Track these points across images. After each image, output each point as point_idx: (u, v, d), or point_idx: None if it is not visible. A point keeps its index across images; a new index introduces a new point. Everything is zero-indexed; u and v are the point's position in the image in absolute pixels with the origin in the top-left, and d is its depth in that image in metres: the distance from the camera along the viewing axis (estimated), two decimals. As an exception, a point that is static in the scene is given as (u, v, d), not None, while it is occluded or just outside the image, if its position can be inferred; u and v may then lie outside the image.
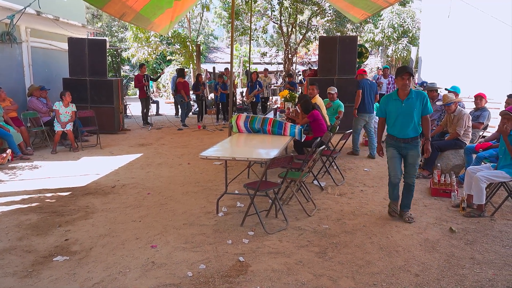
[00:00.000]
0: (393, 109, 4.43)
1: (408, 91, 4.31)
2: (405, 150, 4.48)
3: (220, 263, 3.57)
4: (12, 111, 8.28)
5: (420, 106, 4.33)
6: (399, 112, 4.38)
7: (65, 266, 3.52)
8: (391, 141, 4.55)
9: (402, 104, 4.36)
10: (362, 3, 7.75)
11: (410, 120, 4.35)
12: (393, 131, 4.49)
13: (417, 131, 4.41)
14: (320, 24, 19.79)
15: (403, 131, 4.39)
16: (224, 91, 12.80)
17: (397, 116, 4.41)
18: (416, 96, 4.34)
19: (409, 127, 4.36)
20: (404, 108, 4.34)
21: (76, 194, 5.58)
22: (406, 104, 4.35)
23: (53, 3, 11.11)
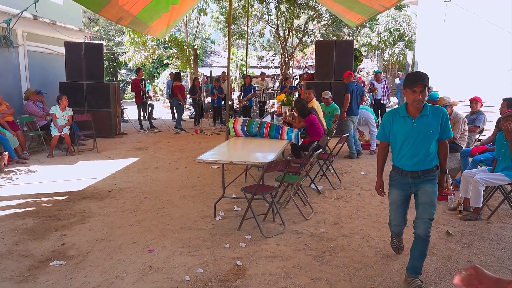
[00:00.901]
0: (400, 130, 3.26)
1: (421, 107, 3.16)
2: (415, 186, 3.29)
3: (218, 267, 3.56)
4: (8, 115, 8.25)
5: (438, 127, 3.18)
6: (409, 135, 3.21)
7: (61, 271, 3.50)
8: (396, 177, 3.38)
9: (413, 123, 3.18)
10: (358, 7, 7.79)
11: (423, 146, 3.19)
12: (399, 160, 3.32)
13: (432, 162, 3.25)
14: (316, 28, 19.88)
15: (413, 161, 3.22)
16: (220, 95, 12.82)
17: (405, 139, 3.24)
18: (433, 114, 3.19)
19: (421, 155, 3.20)
20: (416, 129, 3.17)
21: (73, 198, 5.56)
22: (419, 123, 3.17)
23: (50, 7, 11.12)
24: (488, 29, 9.09)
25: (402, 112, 3.27)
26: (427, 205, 3.21)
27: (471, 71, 10.46)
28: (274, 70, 22.97)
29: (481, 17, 8.30)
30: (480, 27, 9.45)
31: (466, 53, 10.70)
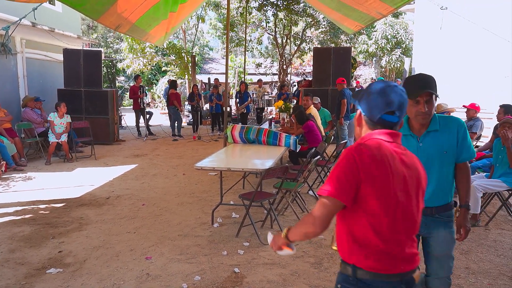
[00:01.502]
0: None
1: (428, 122, 2.32)
2: (425, 228, 2.35)
3: (215, 274, 3.55)
4: (6, 122, 8.24)
5: (453, 145, 2.33)
6: None
7: (58, 279, 3.48)
8: None
9: (418, 143, 2.34)
10: (356, 14, 7.85)
11: (435, 173, 2.30)
12: None
13: (448, 193, 2.38)
14: (314, 35, 20.00)
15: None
16: (219, 102, 12.85)
17: None
18: (445, 127, 2.34)
19: (433, 185, 2.28)
20: (423, 150, 2.30)
21: (70, 206, 5.54)
22: (427, 143, 2.33)
23: (49, 14, 11.16)
24: (485, 36, 9.15)
25: (403, 128, 2.29)
26: (444, 258, 2.37)
27: (468, 78, 10.51)
28: (272, 77, 23.04)
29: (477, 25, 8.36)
30: (477, 34, 9.51)
31: (463, 60, 10.76)
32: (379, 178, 1.57)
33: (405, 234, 1.65)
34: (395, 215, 1.60)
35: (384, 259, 1.60)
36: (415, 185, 1.67)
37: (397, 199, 1.59)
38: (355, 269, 1.62)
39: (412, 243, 1.68)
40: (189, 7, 10.17)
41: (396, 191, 1.59)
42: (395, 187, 1.59)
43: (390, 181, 1.58)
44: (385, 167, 1.58)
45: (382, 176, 1.57)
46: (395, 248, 1.62)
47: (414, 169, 1.68)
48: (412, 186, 1.65)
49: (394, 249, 1.62)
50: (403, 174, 1.62)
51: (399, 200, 1.60)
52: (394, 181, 1.59)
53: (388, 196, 1.58)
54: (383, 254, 1.60)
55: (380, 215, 1.58)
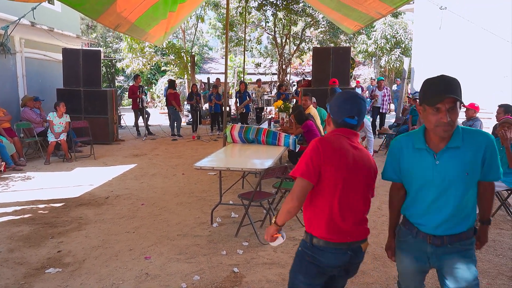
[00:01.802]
0: (415, 169, 2.06)
1: (450, 135, 1.95)
2: (437, 260, 2.07)
3: (215, 274, 3.55)
4: (5, 121, 8.23)
5: (478, 164, 1.98)
6: (429, 178, 2.00)
7: (57, 278, 3.48)
8: (407, 237, 2.14)
9: (435, 161, 1.98)
10: (355, 14, 7.84)
11: (453, 197, 1.97)
12: (413, 214, 2.12)
13: (469, 220, 2.04)
14: (313, 35, 20.00)
15: (435, 220, 2.01)
16: (218, 101, 12.85)
17: (422, 185, 2.03)
18: (469, 143, 1.97)
19: (449, 210, 1.98)
20: (441, 169, 1.97)
21: (69, 205, 5.54)
22: (446, 161, 1.97)
23: (48, 14, 11.16)
24: (484, 36, 9.16)
25: (417, 141, 2.03)
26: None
27: (467, 77, 10.51)
28: (272, 77, 23.05)
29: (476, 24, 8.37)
30: (476, 34, 9.52)
31: (462, 60, 10.77)
32: (335, 163, 1.96)
33: (351, 211, 2.02)
34: (344, 195, 1.98)
35: (333, 230, 2.00)
36: (363, 174, 2.05)
37: (346, 182, 1.98)
38: (311, 237, 2.04)
39: (359, 219, 2.06)
40: (189, 7, 10.16)
41: (345, 176, 1.97)
42: (345, 173, 1.97)
43: (342, 167, 1.97)
44: (339, 155, 1.97)
45: (336, 162, 1.96)
46: (343, 222, 2.00)
47: (364, 163, 2.06)
48: (359, 174, 2.03)
49: (342, 223, 1.99)
50: (353, 164, 2.00)
51: (348, 183, 1.98)
52: (345, 168, 1.97)
53: (340, 179, 1.96)
54: (333, 226, 1.99)
55: (332, 194, 1.98)
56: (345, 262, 2.04)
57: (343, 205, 2.00)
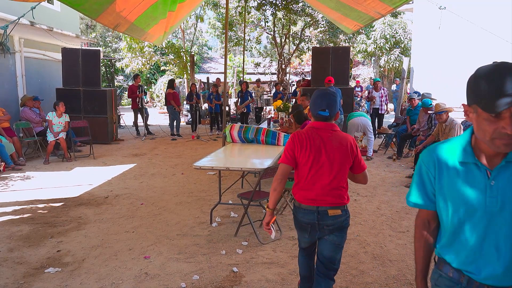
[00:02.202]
0: (458, 191, 1.49)
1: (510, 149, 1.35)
2: None
3: (214, 273, 3.55)
4: (4, 121, 8.23)
5: None
6: (480, 204, 1.44)
7: (57, 278, 3.48)
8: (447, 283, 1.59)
9: (488, 180, 1.43)
10: (354, 14, 7.85)
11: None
12: (459, 256, 1.54)
13: None
14: (313, 35, 19.99)
15: (494, 265, 1.44)
16: (217, 101, 12.86)
17: (471, 213, 1.46)
18: None
19: (505, 256, 1.42)
20: (495, 191, 1.41)
21: (69, 205, 5.54)
22: (503, 180, 1.42)
23: (47, 13, 11.15)
24: (483, 36, 9.17)
25: (462, 153, 1.51)
26: None
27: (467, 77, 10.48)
28: (271, 77, 23.05)
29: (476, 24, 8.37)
30: (475, 34, 9.53)
31: (462, 59, 10.77)
32: (303, 148, 2.54)
33: (318, 183, 2.55)
34: (312, 171, 2.55)
35: (303, 197, 2.60)
36: (333, 153, 2.53)
37: (314, 161, 2.53)
38: (294, 200, 2.68)
39: (327, 189, 2.54)
40: (188, 7, 10.17)
41: (313, 156, 2.53)
42: (312, 154, 2.53)
43: (310, 150, 2.53)
44: (307, 142, 2.54)
45: (305, 147, 2.54)
46: (310, 191, 2.57)
47: (337, 144, 2.54)
48: (330, 153, 2.53)
49: (309, 192, 2.57)
50: (321, 146, 2.53)
51: (315, 161, 2.53)
52: (313, 150, 2.53)
53: (309, 159, 2.53)
54: (303, 193, 2.60)
55: (303, 171, 2.58)
56: (313, 220, 2.58)
57: (311, 178, 2.56)
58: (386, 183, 6.68)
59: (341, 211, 2.60)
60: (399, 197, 5.92)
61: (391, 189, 6.35)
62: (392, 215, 5.12)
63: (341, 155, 2.54)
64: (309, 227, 2.62)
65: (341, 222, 2.62)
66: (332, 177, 2.54)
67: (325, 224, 2.58)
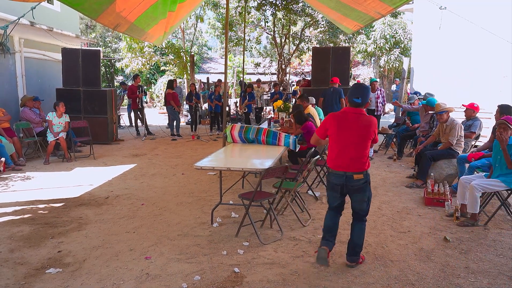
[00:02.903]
0: None
1: None
2: None
3: (215, 274, 3.54)
4: (4, 121, 8.22)
5: None
6: None
7: (58, 279, 3.47)
8: None
9: None
10: (354, 14, 7.85)
11: None
12: None
13: None
14: (313, 35, 19.99)
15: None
16: (218, 102, 12.87)
17: None
18: None
19: None
20: None
21: (69, 205, 5.53)
22: None
23: (47, 13, 11.14)
24: (484, 36, 9.16)
25: None
26: None
27: (467, 77, 10.52)
28: (271, 77, 23.05)
29: (476, 24, 8.36)
30: (476, 34, 9.52)
31: (462, 60, 10.77)
32: (333, 126, 3.51)
33: (344, 153, 3.46)
34: (340, 144, 3.47)
35: (335, 164, 3.51)
36: (356, 131, 3.44)
37: (340, 136, 3.47)
38: (327, 167, 3.61)
39: (350, 158, 3.44)
40: (188, 7, 10.16)
41: (340, 133, 3.47)
42: (340, 130, 3.47)
43: (341, 128, 3.47)
44: (337, 121, 3.50)
45: (334, 125, 3.50)
46: (338, 159, 3.49)
47: (359, 124, 3.45)
48: (353, 131, 3.44)
49: (338, 160, 3.49)
50: (348, 125, 3.46)
51: (342, 136, 3.46)
52: (340, 128, 3.47)
53: (339, 135, 3.48)
54: (333, 161, 3.53)
55: (333, 143, 3.52)
56: (342, 182, 3.50)
57: (340, 150, 3.48)
58: (387, 184, 6.67)
59: (363, 176, 3.47)
60: (400, 197, 5.91)
61: (392, 189, 6.35)
62: (393, 216, 5.11)
63: (365, 133, 3.44)
64: (339, 188, 3.54)
65: (363, 183, 3.49)
66: (357, 150, 3.45)
67: (351, 185, 3.48)
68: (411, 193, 6.13)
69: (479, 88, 10.08)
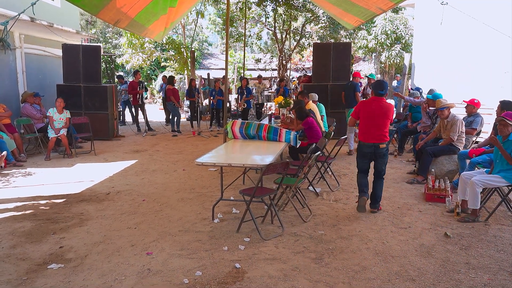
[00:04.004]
0: None
1: None
2: None
3: (216, 269, 3.55)
4: (5, 117, 8.22)
5: None
6: None
7: (59, 274, 3.49)
8: None
9: None
10: (356, 10, 7.82)
11: None
12: None
13: None
14: (314, 31, 19.92)
15: None
16: (220, 97, 12.87)
17: None
18: None
19: None
20: None
21: (71, 201, 5.55)
22: None
23: (47, 9, 11.10)
24: (485, 32, 9.13)
25: None
26: None
27: (468, 73, 10.50)
28: (272, 73, 23.00)
29: (478, 20, 8.34)
30: (477, 30, 9.49)
31: (463, 55, 10.74)
32: (362, 110, 5.03)
33: (371, 130, 4.91)
34: (368, 124, 4.94)
35: (364, 137, 4.98)
36: (378, 115, 4.87)
37: (367, 118, 4.94)
38: (359, 141, 5.09)
39: (376, 134, 4.88)
40: (188, 2, 10.12)
41: (367, 116, 4.95)
42: (366, 114, 4.95)
43: (366, 111, 4.97)
44: (365, 107, 5.02)
45: (363, 110, 5.01)
46: (367, 134, 4.94)
47: (379, 110, 4.87)
48: (375, 115, 4.88)
49: (367, 135, 4.95)
50: (372, 110, 4.91)
51: (368, 118, 4.94)
52: (367, 112, 4.96)
53: (367, 117, 4.95)
54: (364, 136, 4.98)
55: (365, 124, 4.98)
56: (371, 151, 4.94)
57: (367, 128, 4.94)
58: (388, 179, 6.66)
59: (385, 145, 4.93)
60: (401, 193, 5.92)
61: (393, 185, 6.35)
62: (394, 211, 5.12)
63: (385, 116, 4.87)
64: (369, 155, 4.99)
65: (385, 150, 4.97)
66: (380, 127, 4.88)
67: (377, 152, 4.93)
68: (412, 189, 6.14)
69: (480, 84, 10.06)
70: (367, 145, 4.91)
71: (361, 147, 4.99)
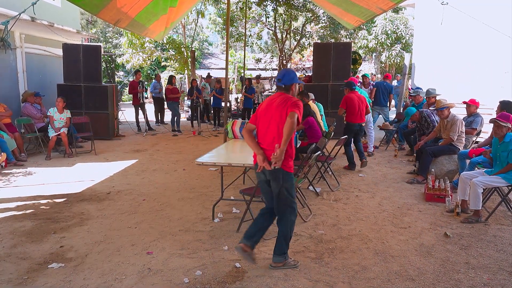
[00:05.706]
0: None
1: None
2: None
3: (217, 269, 3.56)
4: (6, 117, 8.23)
5: None
6: None
7: (60, 273, 3.50)
8: None
9: None
10: (356, 9, 7.82)
11: None
12: None
13: None
14: (314, 31, 19.94)
15: None
16: (219, 95, 12.87)
17: None
18: None
19: None
20: None
21: (71, 201, 5.55)
22: None
23: (48, 9, 11.11)
24: (485, 32, 9.14)
25: None
26: None
27: (468, 73, 10.51)
28: (272, 72, 23.01)
29: (478, 20, 8.34)
30: (477, 30, 9.49)
31: (463, 55, 10.75)
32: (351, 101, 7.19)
33: (359, 115, 7.10)
34: (356, 110, 7.08)
35: (354, 120, 7.10)
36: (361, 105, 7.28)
37: (356, 107, 7.14)
38: (348, 122, 7.20)
39: (361, 117, 7.17)
40: (189, 2, 10.13)
41: (356, 105, 7.17)
42: (356, 104, 7.16)
43: (355, 102, 7.17)
44: (354, 100, 7.15)
45: (352, 101, 7.17)
46: (357, 116, 7.10)
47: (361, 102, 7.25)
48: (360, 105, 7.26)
49: (357, 117, 7.10)
50: (358, 101, 7.21)
51: (358, 108, 7.10)
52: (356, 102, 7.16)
53: (353, 105, 7.17)
54: (354, 118, 7.10)
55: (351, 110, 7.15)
56: (358, 128, 7.21)
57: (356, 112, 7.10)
58: (388, 179, 6.68)
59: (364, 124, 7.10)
60: (401, 193, 5.92)
61: (393, 185, 6.36)
62: (394, 211, 5.12)
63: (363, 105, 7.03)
64: (356, 130, 7.07)
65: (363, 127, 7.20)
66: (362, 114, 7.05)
67: (361, 129, 7.26)
68: (411, 188, 6.14)
69: (480, 83, 10.07)
70: (356, 124, 7.17)
71: (350, 126, 7.16)
